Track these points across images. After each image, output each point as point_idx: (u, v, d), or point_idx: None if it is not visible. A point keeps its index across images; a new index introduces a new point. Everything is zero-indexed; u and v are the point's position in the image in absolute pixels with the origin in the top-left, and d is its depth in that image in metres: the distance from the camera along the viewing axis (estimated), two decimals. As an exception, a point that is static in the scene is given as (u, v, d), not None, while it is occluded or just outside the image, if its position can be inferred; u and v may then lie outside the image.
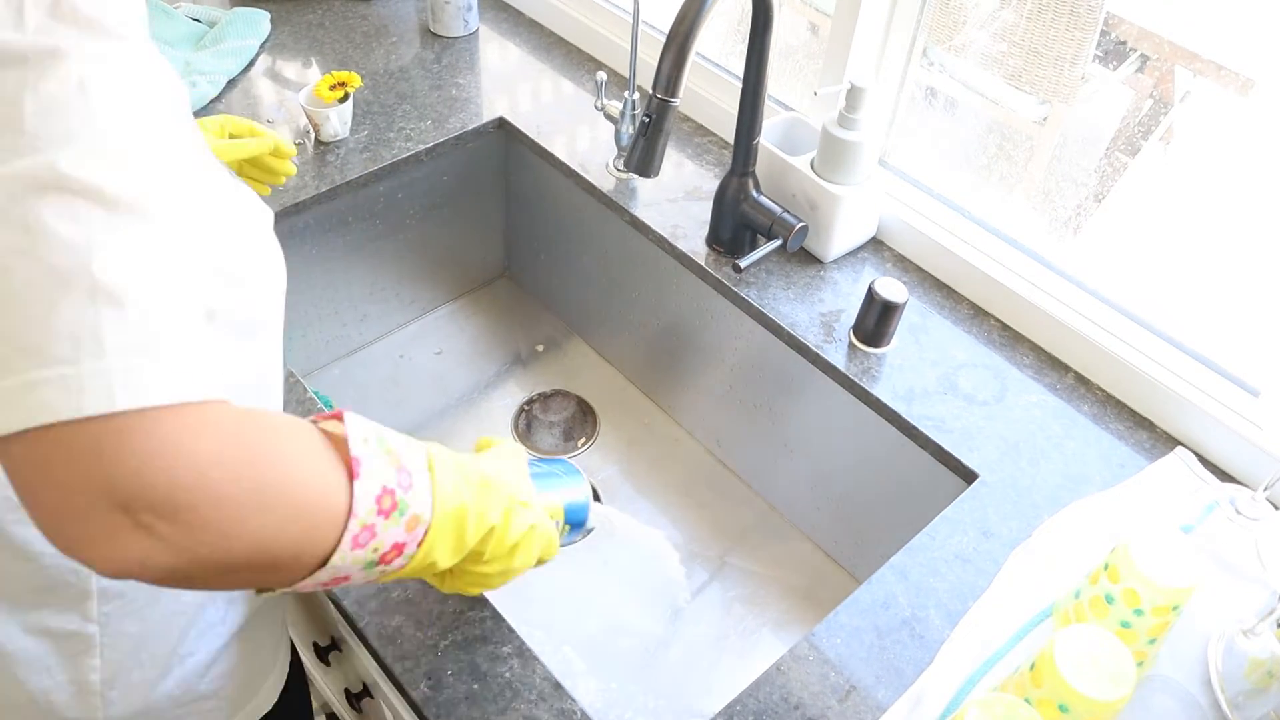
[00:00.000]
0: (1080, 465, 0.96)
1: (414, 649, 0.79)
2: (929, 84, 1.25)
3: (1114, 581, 0.75)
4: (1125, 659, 0.68)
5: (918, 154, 1.19)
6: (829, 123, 1.07)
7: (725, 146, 1.29)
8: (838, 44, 1.11)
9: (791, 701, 0.77)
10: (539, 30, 1.48)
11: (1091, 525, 0.90)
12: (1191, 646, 0.82)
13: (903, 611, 0.84)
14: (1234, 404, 0.95)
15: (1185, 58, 1.60)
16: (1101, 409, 1.01)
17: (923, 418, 0.99)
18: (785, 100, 1.25)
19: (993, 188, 1.26)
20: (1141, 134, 1.36)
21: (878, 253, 1.16)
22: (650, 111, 0.92)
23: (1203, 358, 0.99)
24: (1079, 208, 1.22)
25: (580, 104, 1.35)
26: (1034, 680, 0.70)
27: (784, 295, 1.10)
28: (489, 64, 1.41)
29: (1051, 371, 1.04)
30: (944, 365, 1.04)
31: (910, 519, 1.04)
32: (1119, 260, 1.09)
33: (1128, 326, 1.02)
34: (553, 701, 0.77)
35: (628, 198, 1.22)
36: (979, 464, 0.95)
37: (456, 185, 1.33)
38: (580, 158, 1.27)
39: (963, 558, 0.88)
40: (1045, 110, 2.02)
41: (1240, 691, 0.78)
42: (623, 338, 1.34)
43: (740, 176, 1.09)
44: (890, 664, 0.80)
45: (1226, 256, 1.07)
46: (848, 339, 1.06)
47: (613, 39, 1.39)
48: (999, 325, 1.09)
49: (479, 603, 0.82)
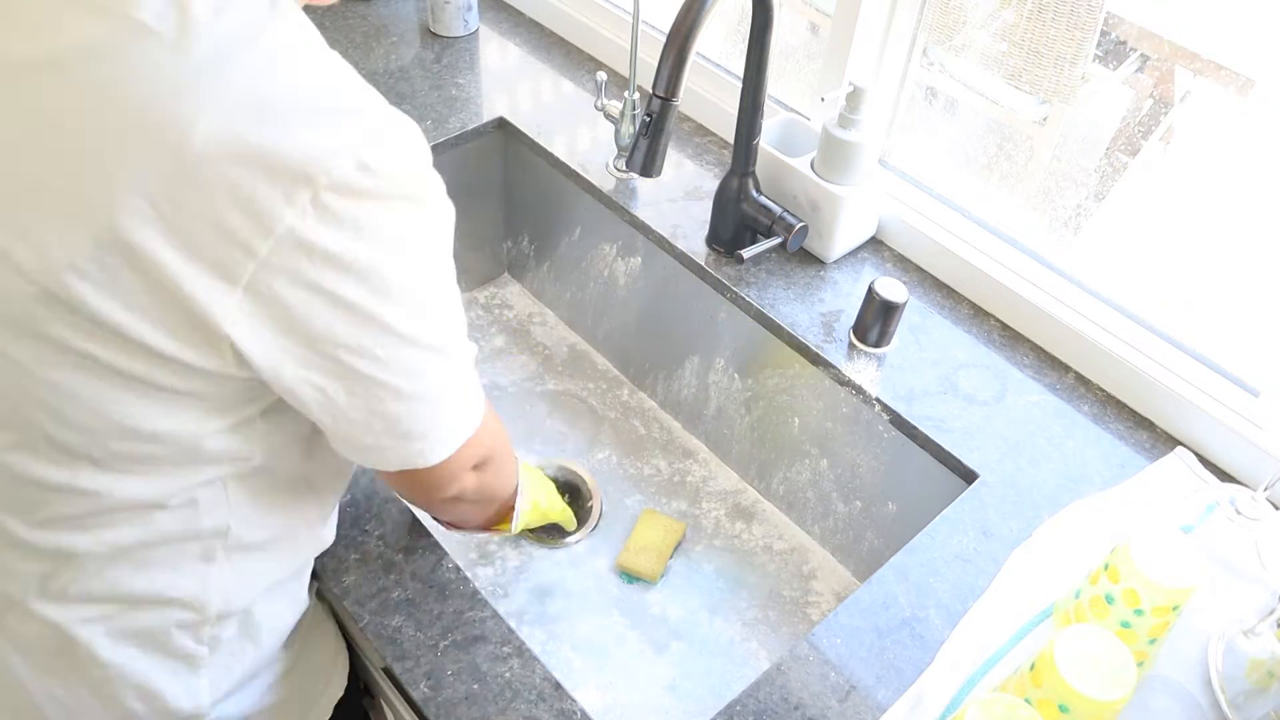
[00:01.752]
0: (1080, 465, 0.96)
1: (414, 649, 0.79)
2: (929, 84, 1.25)
3: (1114, 581, 0.75)
4: (1125, 659, 0.68)
5: (918, 154, 1.19)
6: (829, 123, 1.07)
7: (725, 146, 1.29)
8: (838, 44, 1.11)
9: (792, 701, 0.77)
10: (539, 30, 1.48)
11: (1092, 525, 0.90)
12: (1192, 647, 0.82)
13: (903, 611, 0.84)
14: (1234, 404, 0.95)
15: (1185, 58, 1.60)
16: (1102, 409, 1.01)
17: (923, 418, 0.99)
18: (785, 100, 1.25)
19: (993, 187, 1.26)
20: (1142, 134, 1.36)
21: (878, 253, 1.16)
22: (651, 111, 0.92)
23: (1203, 358, 0.99)
24: (1079, 208, 1.22)
25: (580, 104, 1.35)
26: (1034, 680, 0.70)
27: (784, 295, 1.10)
28: (489, 64, 1.41)
29: (1051, 371, 1.04)
30: (944, 365, 1.04)
31: (910, 519, 1.04)
32: (1119, 260, 1.09)
33: (1128, 326, 1.02)
34: (553, 702, 0.77)
35: (628, 198, 1.22)
36: (979, 464, 0.95)
37: (456, 185, 1.33)
38: (580, 158, 1.27)
39: (963, 558, 0.88)
40: (1045, 110, 2.02)
41: (1240, 691, 0.78)
42: (622, 337, 1.34)
43: (740, 176, 1.09)
44: (890, 664, 0.80)
45: (1226, 256, 1.07)
46: (848, 339, 1.06)
47: (613, 39, 1.39)
48: (999, 325, 1.09)
49: (479, 603, 0.82)
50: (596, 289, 1.34)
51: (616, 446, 1.28)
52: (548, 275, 1.42)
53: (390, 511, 0.88)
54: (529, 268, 1.45)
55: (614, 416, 1.32)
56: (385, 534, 0.86)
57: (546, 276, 1.43)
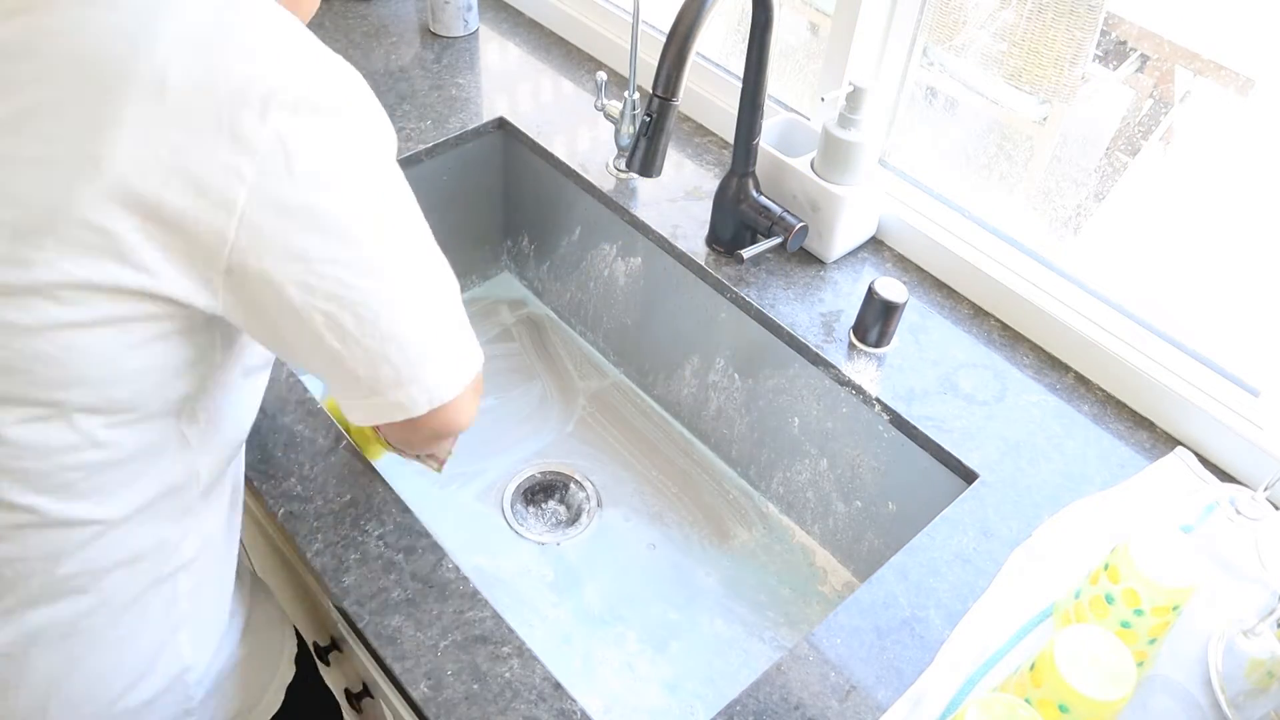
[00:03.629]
0: (1080, 465, 0.96)
1: (414, 649, 0.79)
2: (929, 84, 1.25)
3: (1114, 581, 0.75)
4: (1125, 659, 0.68)
5: (918, 154, 1.19)
6: (829, 123, 1.07)
7: (725, 146, 1.29)
8: (838, 44, 1.11)
9: (791, 701, 0.77)
10: (539, 30, 1.48)
11: (1091, 525, 0.90)
12: (1191, 646, 0.81)
13: (903, 611, 0.84)
14: (1234, 404, 0.95)
15: (1185, 57, 1.60)
16: (1101, 409, 1.01)
17: (923, 418, 0.99)
18: (785, 100, 1.25)
19: (993, 187, 1.26)
20: (1142, 134, 1.36)
21: (878, 253, 1.16)
22: (651, 111, 0.92)
23: (1203, 358, 0.99)
24: (1079, 208, 1.22)
25: (580, 104, 1.35)
26: (1034, 680, 0.70)
27: (784, 295, 1.10)
28: (489, 64, 1.41)
29: (1051, 371, 1.04)
30: (944, 365, 1.04)
31: (910, 519, 1.04)
32: (1119, 260, 1.09)
33: (1128, 326, 1.02)
34: (553, 702, 0.77)
35: (628, 198, 1.22)
36: (979, 464, 0.95)
37: (456, 185, 1.33)
38: (580, 157, 1.27)
39: (963, 558, 0.88)
40: (1045, 110, 2.02)
41: (1240, 691, 0.78)
42: (621, 337, 1.34)
43: (740, 177, 1.09)
44: (890, 664, 0.80)
45: (1226, 256, 1.07)
46: (848, 339, 1.06)
47: (613, 39, 1.39)
48: (999, 325, 1.09)
49: (479, 603, 0.82)
50: (596, 289, 1.34)
51: (616, 446, 1.28)
52: (548, 275, 1.42)
53: (390, 511, 0.88)
54: (529, 268, 1.45)
55: (611, 415, 1.32)
56: (385, 534, 0.86)
57: (546, 276, 1.43)
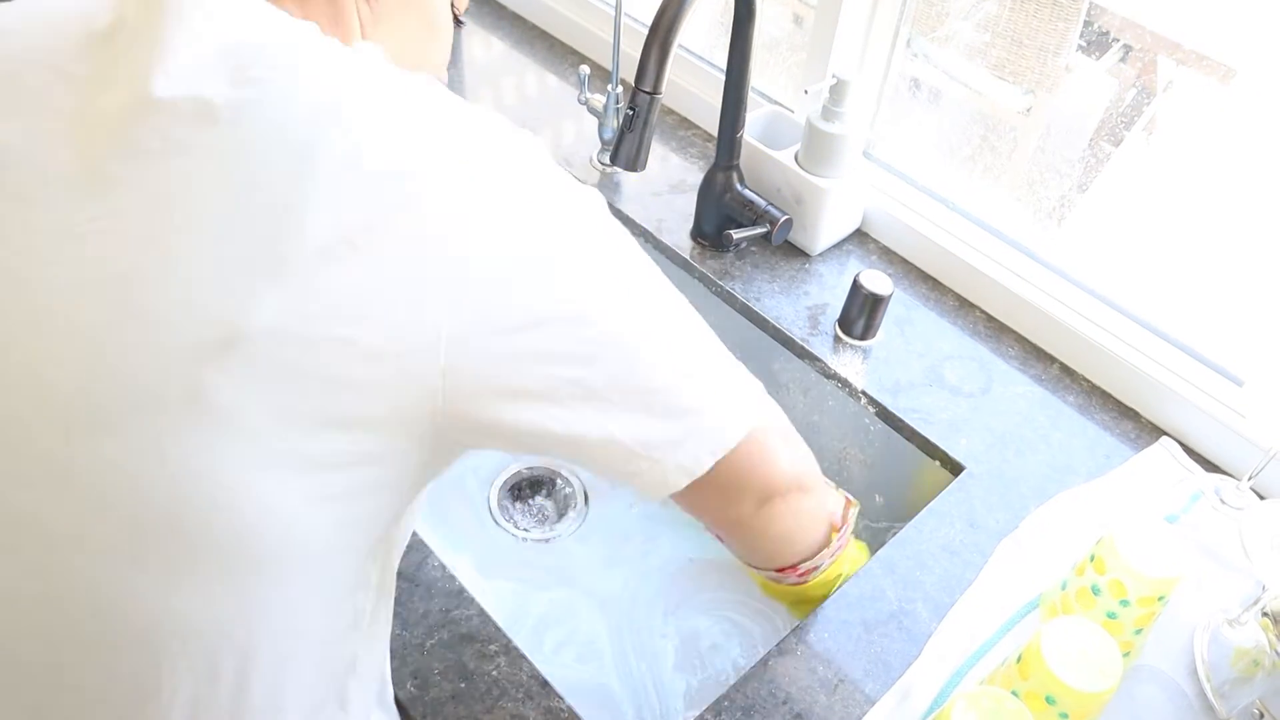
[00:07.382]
0: (1066, 456, 0.96)
1: (400, 648, 0.78)
2: (913, 75, 1.25)
3: (1100, 572, 0.75)
4: (1112, 650, 0.69)
5: (902, 146, 1.19)
6: (813, 115, 1.06)
7: (709, 140, 1.29)
8: (821, 35, 1.11)
9: (780, 696, 0.77)
10: (521, 24, 1.47)
11: (1078, 516, 0.90)
12: (1177, 636, 0.82)
13: (890, 605, 0.84)
14: (1218, 394, 0.95)
15: (1168, 48, 1.60)
16: (1087, 399, 1.01)
17: (909, 410, 0.99)
18: (769, 93, 1.24)
19: (977, 179, 1.26)
20: (1125, 124, 1.36)
21: (863, 245, 1.16)
22: (634, 105, 0.92)
23: (1187, 348, 0.99)
24: (1063, 198, 1.22)
25: (564, 98, 1.34)
26: (1021, 672, 0.70)
27: (769, 288, 1.10)
28: (472, 58, 1.40)
29: (1037, 362, 1.04)
30: (930, 357, 1.04)
31: (897, 511, 1.04)
32: (1103, 251, 1.10)
33: (1113, 317, 1.02)
34: (540, 699, 0.76)
35: (612, 192, 1.21)
36: (965, 456, 0.95)
37: (440, 180, 1.32)
38: (564, 152, 1.26)
39: (950, 550, 0.88)
40: (1029, 100, 2.02)
41: (1226, 680, 0.79)
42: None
43: (724, 170, 1.09)
44: (878, 657, 0.80)
45: (1210, 247, 1.08)
46: (833, 332, 1.06)
47: (595, 32, 1.38)
48: (984, 317, 1.09)
49: (465, 601, 0.82)
50: (582, 284, 1.33)
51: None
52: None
53: (375, 510, 0.88)
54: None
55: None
56: (370, 533, 0.86)
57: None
